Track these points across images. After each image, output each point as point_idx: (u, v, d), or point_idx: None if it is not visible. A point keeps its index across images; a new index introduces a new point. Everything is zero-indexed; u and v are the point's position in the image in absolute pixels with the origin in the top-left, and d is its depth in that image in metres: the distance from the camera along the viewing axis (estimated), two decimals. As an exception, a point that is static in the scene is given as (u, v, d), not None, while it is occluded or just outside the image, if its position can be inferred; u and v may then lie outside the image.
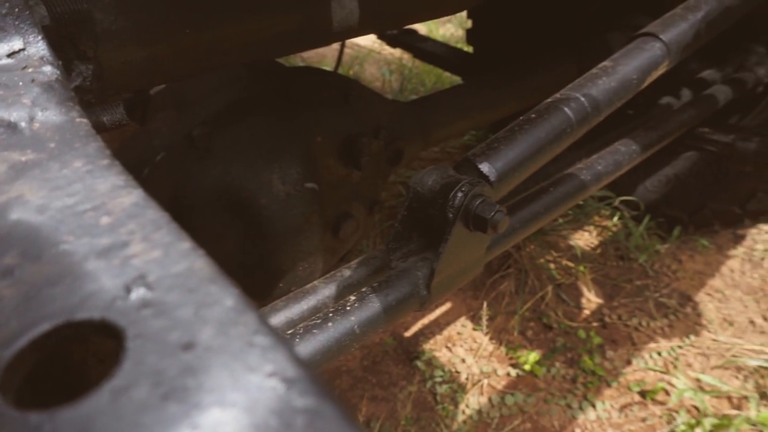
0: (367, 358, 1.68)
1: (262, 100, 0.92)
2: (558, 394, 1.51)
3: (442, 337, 1.72)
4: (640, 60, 0.85)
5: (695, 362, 1.58)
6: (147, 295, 0.15)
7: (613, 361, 1.60)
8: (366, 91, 1.06)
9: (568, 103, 0.77)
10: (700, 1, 0.98)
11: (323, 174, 1.00)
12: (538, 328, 1.73)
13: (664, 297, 1.79)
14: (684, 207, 1.89)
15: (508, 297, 1.82)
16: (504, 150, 0.71)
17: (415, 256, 0.71)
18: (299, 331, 0.60)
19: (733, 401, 1.47)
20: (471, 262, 0.73)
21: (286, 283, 1.03)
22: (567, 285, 1.86)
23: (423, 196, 0.68)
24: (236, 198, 0.94)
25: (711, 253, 1.96)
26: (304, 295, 0.78)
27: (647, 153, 1.12)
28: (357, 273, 0.81)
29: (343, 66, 3.42)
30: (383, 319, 0.64)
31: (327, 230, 1.07)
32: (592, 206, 2.05)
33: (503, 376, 1.58)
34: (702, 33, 0.93)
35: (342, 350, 0.60)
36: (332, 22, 0.62)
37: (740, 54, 1.60)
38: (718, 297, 1.80)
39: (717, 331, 1.67)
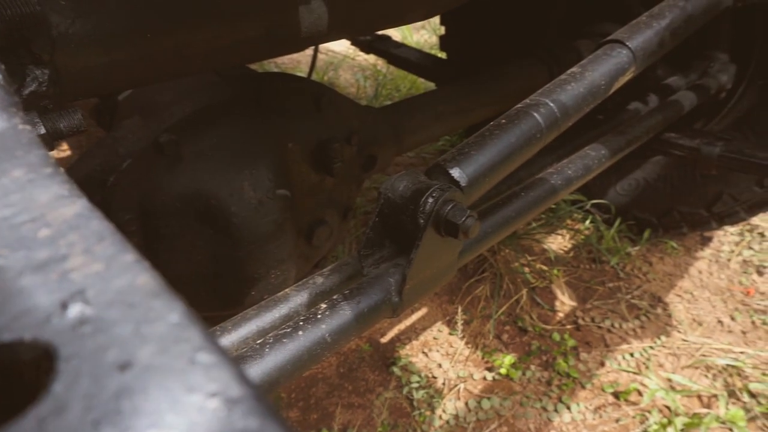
0: (343, 365, 1.66)
1: (232, 107, 0.90)
2: (533, 396, 1.52)
3: (419, 342, 1.72)
4: (607, 66, 0.87)
5: (666, 362, 1.61)
6: (85, 312, 0.14)
7: (587, 363, 1.62)
8: (338, 96, 1.06)
9: (538, 108, 0.78)
10: (663, 9, 1.00)
11: (295, 180, 0.99)
12: (513, 332, 1.74)
13: (635, 299, 1.82)
14: (653, 210, 1.93)
15: (483, 301, 1.83)
16: (475, 155, 0.71)
17: (387, 262, 0.71)
18: (269, 340, 0.59)
19: (703, 400, 1.50)
20: (443, 267, 0.73)
21: (258, 291, 1.02)
22: (541, 288, 1.88)
23: (394, 201, 0.68)
24: (206, 206, 0.92)
25: (680, 255, 2.01)
26: (276, 303, 0.77)
27: (616, 157, 1.14)
28: (329, 280, 0.80)
29: (317, 72, 3.41)
30: (355, 326, 0.63)
31: (300, 237, 1.05)
32: (565, 210, 2.08)
33: (479, 380, 1.59)
34: (666, 40, 0.95)
35: (313, 359, 0.59)
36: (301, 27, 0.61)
37: (704, 61, 1.64)
38: (687, 298, 1.84)
39: (687, 331, 1.71)
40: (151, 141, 0.86)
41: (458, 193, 0.68)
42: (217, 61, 0.60)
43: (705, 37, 1.65)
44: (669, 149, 1.46)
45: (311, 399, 1.56)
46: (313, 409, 1.53)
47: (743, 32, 1.58)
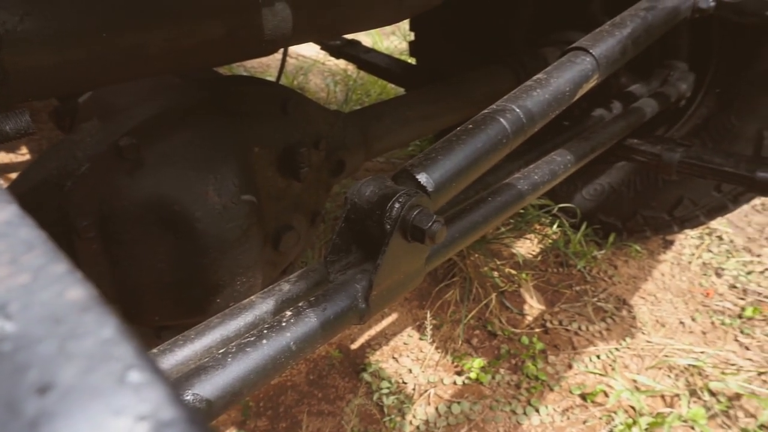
0: (313, 372, 1.64)
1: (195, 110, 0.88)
2: (503, 400, 1.53)
3: (389, 347, 1.71)
4: (572, 73, 0.88)
5: (631, 363, 1.64)
6: (4, 328, 0.13)
7: (555, 365, 1.64)
8: (305, 101, 1.05)
9: (504, 114, 0.79)
10: (625, 18, 1.03)
11: (262, 185, 0.98)
12: (483, 336, 1.75)
13: (601, 301, 1.86)
14: (618, 215, 1.97)
15: (453, 305, 1.83)
16: (441, 160, 0.71)
17: (354, 268, 0.70)
18: (232, 349, 0.57)
19: (666, 399, 1.53)
20: (411, 273, 0.72)
21: (223, 299, 1.00)
22: (510, 292, 1.90)
23: (360, 207, 0.67)
24: (169, 211, 0.90)
25: (643, 258, 2.05)
26: (241, 311, 0.75)
27: (581, 162, 1.16)
28: (296, 287, 0.79)
29: (287, 76, 3.39)
30: (321, 334, 0.62)
31: (266, 243, 1.04)
32: (533, 214, 2.11)
33: (449, 384, 1.59)
34: (628, 48, 0.97)
35: (278, 368, 0.58)
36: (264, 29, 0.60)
37: (664, 70, 1.69)
38: (651, 300, 1.88)
39: (650, 332, 1.74)
40: (111, 144, 0.83)
41: (425, 198, 0.67)
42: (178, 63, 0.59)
43: (665, 47, 1.70)
44: (632, 155, 1.49)
45: (280, 407, 1.54)
46: (282, 417, 1.50)
47: (701, 42, 1.64)
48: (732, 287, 1.93)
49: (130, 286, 0.96)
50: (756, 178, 1.29)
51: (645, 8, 1.05)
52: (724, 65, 1.61)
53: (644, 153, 1.47)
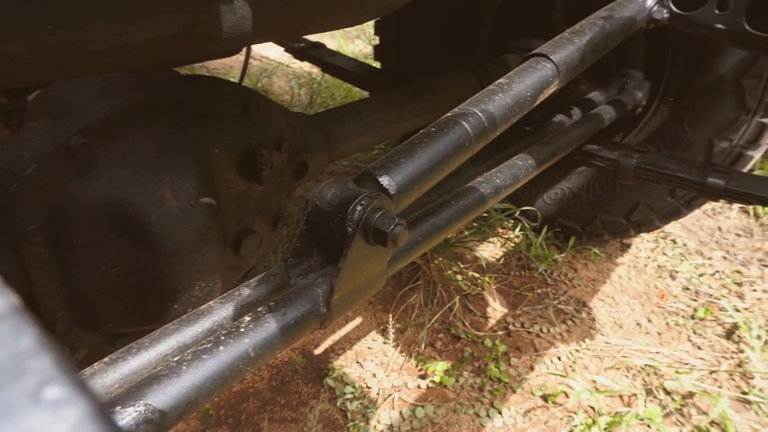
0: (275, 378, 1.62)
1: (151, 109, 0.86)
2: (467, 403, 1.54)
3: (353, 352, 1.70)
4: (533, 78, 0.89)
5: (591, 364, 1.68)
6: None
7: (518, 367, 1.66)
8: (267, 102, 1.03)
9: (467, 117, 0.79)
10: (584, 26, 1.05)
11: (221, 188, 0.95)
12: (446, 339, 1.76)
13: (562, 304, 1.89)
14: (578, 218, 2.02)
15: (417, 309, 1.84)
16: (404, 163, 0.71)
17: (315, 272, 0.69)
18: (187, 357, 0.55)
19: (624, 399, 1.57)
20: (373, 276, 0.72)
21: (181, 305, 0.97)
22: (474, 295, 1.91)
23: (322, 209, 0.66)
24: (123, 215, 0.87)
25: (602, 261, 2.11)
26: (198, 317, 0.73)
27: (542, 167, 1.18)
28: (256, 291, 0.77)
29: (250, 78, 3.34)
30: (280, 339, 0.60)
31: (227, 247, 1.01)
32: (496, 218, 2.13)
33: (414, 388, 1.59)
34: (587, 56, 0.99)
35: (235, 375, 0.56)
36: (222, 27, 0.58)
37: (621, 78, 1.74)
38: (609, 302, 1.93)
39: (609, 334, 1.79)
40: (61, 144, 0.80)
41: (387, 201, 0.67)
42: (130, 60, 0.56)
43: (623, 57, 1.75)
44: (591, 160, 1.53)
45: (242, 415, 1.50)
46: (244, 425, 1.47)
47: (656, 52, 1.69)
48: (685, 289, 1.99)
49: (81, 292, 0.93)
50: (706, 183, 1.34)
51: (603, 17, 1.07)
52: (677, 75, 1.67)
53: (602, 158, 1.50)
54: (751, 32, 1.12)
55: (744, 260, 2.15)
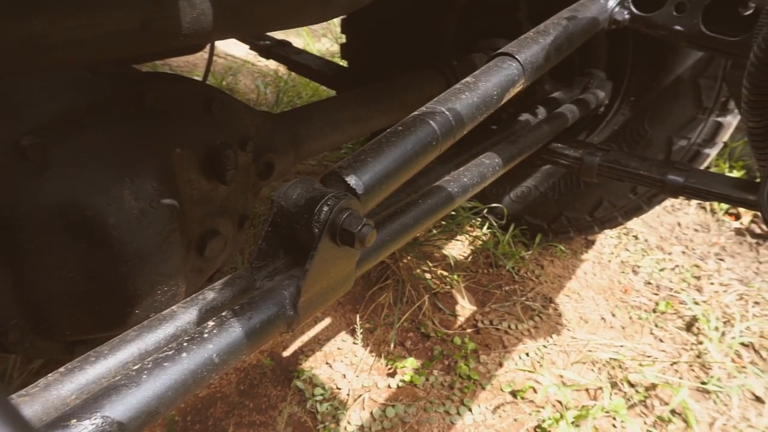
0: (243, 382, 1.59)
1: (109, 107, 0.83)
2: (437, 401, 1.54)
3: (322, 353, 1.68)
4: (499, 77, 0.90)
5: (558, 359, 1.70)
6: None
7: (487, 364, 1.67)
8: (231, 100, 1.01)
9: (434, 116, 0.79)
10: (549, 26, 1.06)
11: (184, 189, 0.93)
12: (416, 338, 1.76)
13: (529, 300, 1.92)
14: (544, 216, 2.05)
15: (386, 308, 1.83)
16: (371, 162, 0.70)
17: (281, 274, 0.68)
18: (148, 365, 0.53)
19: (590, 393, 1.60)
20: (340, 278, 0.71)
21: (143, 310, 0.94)
22: (442, 294, 1.92)
23: (287, 210, 0.65)
24: (80, 217, 0.83)
25: (568, 258, 2.14)
26: (160, 323, 0.71)
27: (509, 165, 1.19)
28: (221, 295, 0.75)
29: (215, 77, 3.28)
30: (246, 344, 0.59)
31: (190, 249, 0.99)
32: (464, 216, 2.15)
33: (384, 388, 1.58)
34: (552, 55, 1.00)
35: (199, 383, 0.54)
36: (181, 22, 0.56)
37: (585, 78, 1.78)
38: (575, 297, 1.96)
39: (575, 329, 1.82)
40: (12, 144, 0.76)
41: (354, 201, 0.66)
42: (84, 55, 0.54)
43: (586, 57, 1.78)
44: (556, 159, 1.55)
45: (209, 420, 1.47)
46: (211, 430, 1.44)
47: (618, 53, 1.73)
48: (647, 283, 2.05)
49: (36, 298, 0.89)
50: (667, 181, 1.37)
51: (567, 17, 1.09)
52: (637, 75, 1.71)
53: (567, 157, 1.53)
54: (707, 33, 1.16)
55: (702, 255, 2.22)
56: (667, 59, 1.63)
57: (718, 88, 1.58)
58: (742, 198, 1.28)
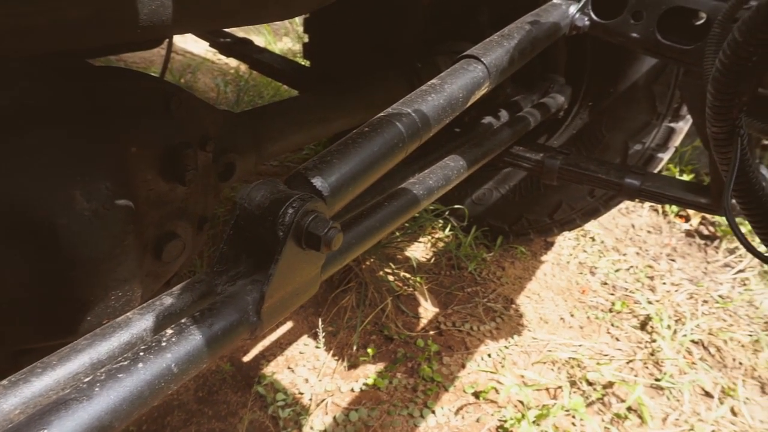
0: (202, 389, 1.54)
1: (59, 102, 0.78)
2: (400, 404, 1.54)
3: (284, 358, 1.65)
4: (464, 79, 0.90)
5: (519, 360, 1.73)
6: None
7: (450, 366, 1.68)
8: (191, 98, 0.97)
9: (400, 118, 0.78)
10: (513, 30, 1.07)
11: (140, 189, 0.89)
12: (379, 341, 1.75)
13: (491, 302, 1.94)
14: (505, 218, 2.08)
15: (349, 311, 1.82)
16: (337, 164, 0.68)
17: (243, 279, 0.65)
18: (100, 376, 0.50)
19: (550, 392, 1.63)
20: (305, 282, 0.69)
21: (95, 316, 0.89)
22: (405, 296, 1.92)
23: (251, 213, 0.62)
24: (27, 218, 0.78)
25: (528, 259, 2.18)
26: (115, 330, 0.67)
27: (474, 168, 1.19)
28: (180, 300, 0.72)
29: (173, 74, 3.19)
30: (207, 352, 0.56)
31: (147, 253, 0.94)
32: (426, 219, 2.15)
33: (347, 392, 1.57)
34: (515, 59, 1.01)
35: (156, 394, 0.52)
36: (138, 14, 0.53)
37: (545, 83, 1.81)
38: (535, 298, 2.00)
39: (535, 329, 1.85)
40: (-50, 141, 0.71)
41: (320, 203, 0.64)
42: (32, 46, 0.50)
43: (546, 62, 1.81)
44: (518, 162, 1.57)
45: (166, 429, 1.42)
46: (167, 440, 1.39)
47: (576, 59, 1.77)
48: (603, 284, 2.10)
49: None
50: (624, 184, 1.41)
51: (530, 22, 1.10)
52: (595, 80, 1.75)
53: (529, 160, 1.55)
54: (662, 42, 1.19)
55: (654, 255, 2.30)
56: (624, 66, 1.67)
57: (670, 94, 1.64)
58: (694, 201, 1.33)
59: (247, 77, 3.20)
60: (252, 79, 3.19)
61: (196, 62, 3.48)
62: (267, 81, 3.17)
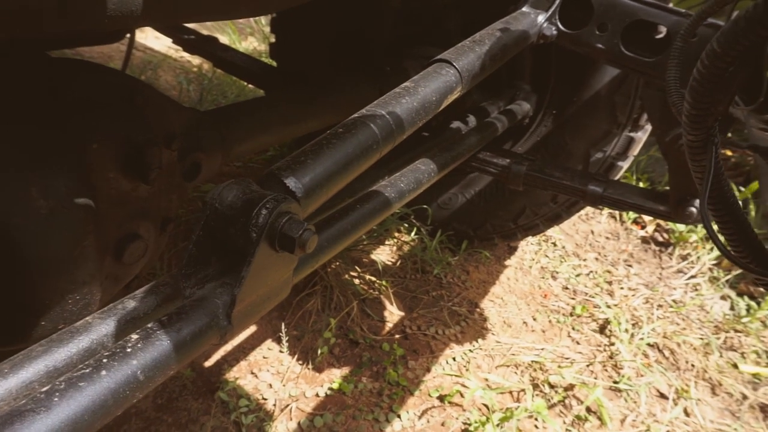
0: (161, 396, 1.49)
1: (14, 95, 0.74)
2: (366, 409, 1.52)
3: (247, 363, 1.62)
4: (438, 83, 0.90)
5: (483, 363, 1.74)
6: None
7: (415, 370, 1.67)
8: (157, 94, 0.94)
9: (374, 119, 0.77)
10: (484, 36, 1.08)
11: (102, 188, 0.85)
12: (345, 345, 1.74)
13: (456, 305, 1.95)
14: (470, 222, 2.10)
15: (314, 315, 1.79)
16: (311, 164, 0.67)
17: (213, 281, 0.63)
18: (60, 385, 0.47)
19: (514, 395, 1.65)
20: (277, 285, 0.67)
21: (50, 321, 0.84)
22: (371, 299, 1.91)
23: (222, 213, 0.60)
24: (-24, 217, 0.74)
25: (492, 264, 2.21)
26: (73, 336, 0.64)
27: (444, 171, 1.20)
28: (144, 304, 0.69)
29: (133, 71, 3.09)
30: (175, 358, 0.54)
31: (107, 254, 0.90)
32: (392, 222, 2.15)
33: (312, 397, 1.54)
34: (487, 64, 1.02)
35: (120, 403, 0.49)
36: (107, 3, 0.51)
37: (511, 90, 1.84)
38: (499, 302, 2.02)
39: (499, 333, 1.87)
40: None
41: (294, 205, 0.63)
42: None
43: (512, 69, 1.84)
44: (485, 167, 1.58)
45: (121, 439, 1.36)
46: (123, 450, 1.34)
47: (542, 67, 1.80)
48: (564, 288, 2.15)
49: None
50: (587, 191, 1.45)
51: (500, 29, 1.12)
52: (559, 89, 1.79)
53: (495, 165, 1.57)
54: (625, 53, 1.23)
55: (613, 261, 2.37)
56: (587, 76, 1.72)
57: (630, 105, 1.69)
58: (653, 208, 1.37)
59: (211, 76, 3.13)
60: (216, 78, 3.13)
61: (157, 59, 3.38)
62: (231, 80, 3.12)
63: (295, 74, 2.02)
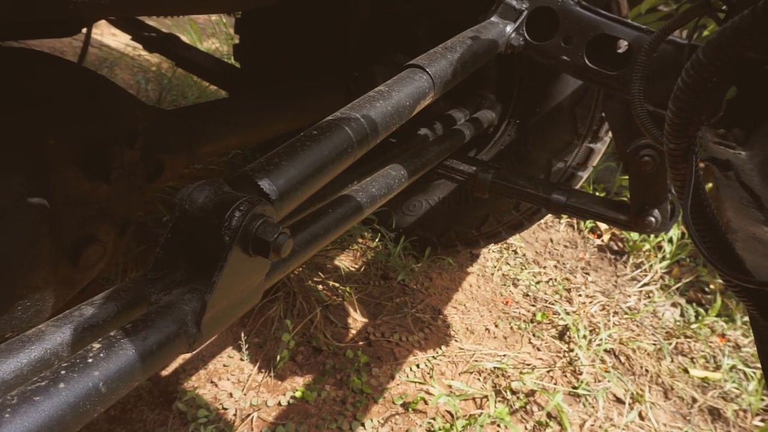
0: (114, 407, 1.42)
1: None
2: (329, 417, 1.50)
3: (206, 371, 1.56)
4: (411, 88, 0.89)
5: (447, 370, 1.74)
6: None
7: (379, 377, 1.66)
8: (118, 90, 0.89)
9: (349, 122, 0.76)
10: (455, 43, 1.09)
11: (58, 187, 0.80)
12: (308, 352, 1.70)
13: (419, 312, 1.95)
14: (434, 229, 2.10)
15: (277, 322, 1.75)
16: (286, 166, 0.65)
17: (181, 287, 0.60)
18: (11, 400, 0.43)
19: (477, 401, 1.66)
20: (248, 291, 0.64)
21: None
22: (334, 306, 1.88)
23: (192, 215, 0.58)
24: None
25: (455, 271, 2.22)
26: (24, 345, 0.60)
27: (414, 177, 1.20)
28: (103, 311, 0.65)
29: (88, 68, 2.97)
30: (140, 369, 0.51)
31: (62, 257, 0.85)
32: (356, 228, 2.14)
33: (274, 406, 1.50)
34: (458, 71, 1.03)
35: (80, 418, 0.46)
36: (73, -10, 0.48)
37: (477, 99, 1.86)
38: (462, 309, 2.03)
39: (462, 339, 1.88)
40: None
41: (269, 207, 0.61)
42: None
43: (478, 78, 1.87)
44: (452, 174, 1.59)
45: (69, 453, 1.29)
46: (72, 465, 1.26)
47: (506, 77, 1.83)
48: (525, 295, 2.18)
49: None
50: (551, 199, 1.47)
51: (471, 37, 1.12)
52: (523, 99, 1.82)
53: (462, 172, 1.58)
54: (589, 66, 1.26)
55: (571, 269, 2.42)
56: (549, 87, 1.76)
57: (591, 116, 1.74)
58: (614, 217, 1.41)
59: (170, 75, 3.04)
60: (175, 78, 3.04)
61: (114, 57, 3.26)
62: (191, 80, 3.04)
63: (260, 76, 1.99)
